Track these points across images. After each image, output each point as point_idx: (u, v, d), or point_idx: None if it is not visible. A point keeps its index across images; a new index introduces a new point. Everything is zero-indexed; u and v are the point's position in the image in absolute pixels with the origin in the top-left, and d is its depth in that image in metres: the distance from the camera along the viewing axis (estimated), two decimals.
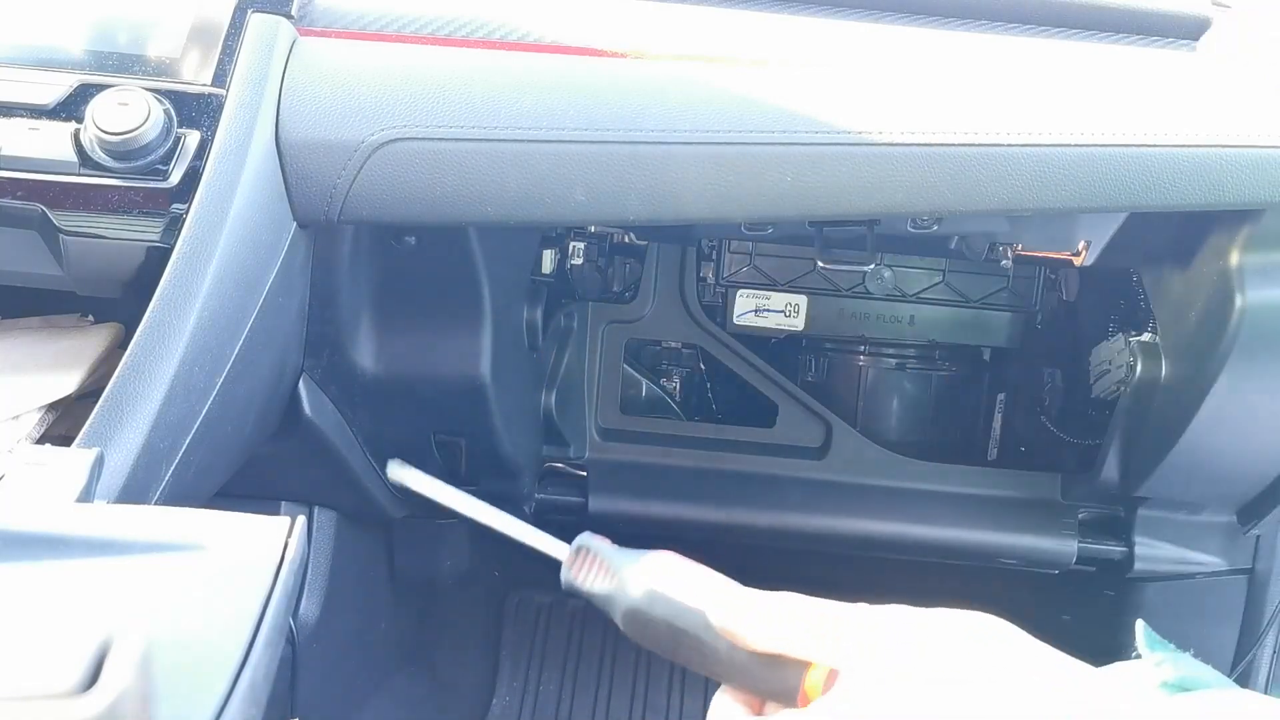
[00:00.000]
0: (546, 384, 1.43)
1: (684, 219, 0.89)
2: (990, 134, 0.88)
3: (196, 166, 0.81)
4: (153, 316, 0.77)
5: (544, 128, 0.86)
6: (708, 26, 0.95)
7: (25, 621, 0.48)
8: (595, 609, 0.71)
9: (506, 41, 0.91)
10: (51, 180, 0.80)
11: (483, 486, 1.27)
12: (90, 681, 0.41)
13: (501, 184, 0.86)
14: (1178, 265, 1.10)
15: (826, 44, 0.94)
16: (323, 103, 0.86)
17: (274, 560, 0.55)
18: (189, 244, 0.79)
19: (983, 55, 0.96)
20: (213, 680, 0.49)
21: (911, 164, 0.87)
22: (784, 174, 0.86)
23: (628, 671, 1.61)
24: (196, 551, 0.55)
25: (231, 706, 0.48)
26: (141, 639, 0.42)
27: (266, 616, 0.52)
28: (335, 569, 1.32)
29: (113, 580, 0.53)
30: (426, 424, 1.17)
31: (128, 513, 0.60)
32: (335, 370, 1.05)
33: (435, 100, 0.86)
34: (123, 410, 0.73)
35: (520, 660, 1.65)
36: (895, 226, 1.08)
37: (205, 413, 0.80)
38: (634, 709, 1.57)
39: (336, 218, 0.87)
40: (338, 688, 1.41)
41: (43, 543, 0.54)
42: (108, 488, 0.69)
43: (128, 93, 0.81)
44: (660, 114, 0.87)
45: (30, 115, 0.82)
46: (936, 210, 0.89)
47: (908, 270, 1.38)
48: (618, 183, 0.86)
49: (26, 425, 0.79)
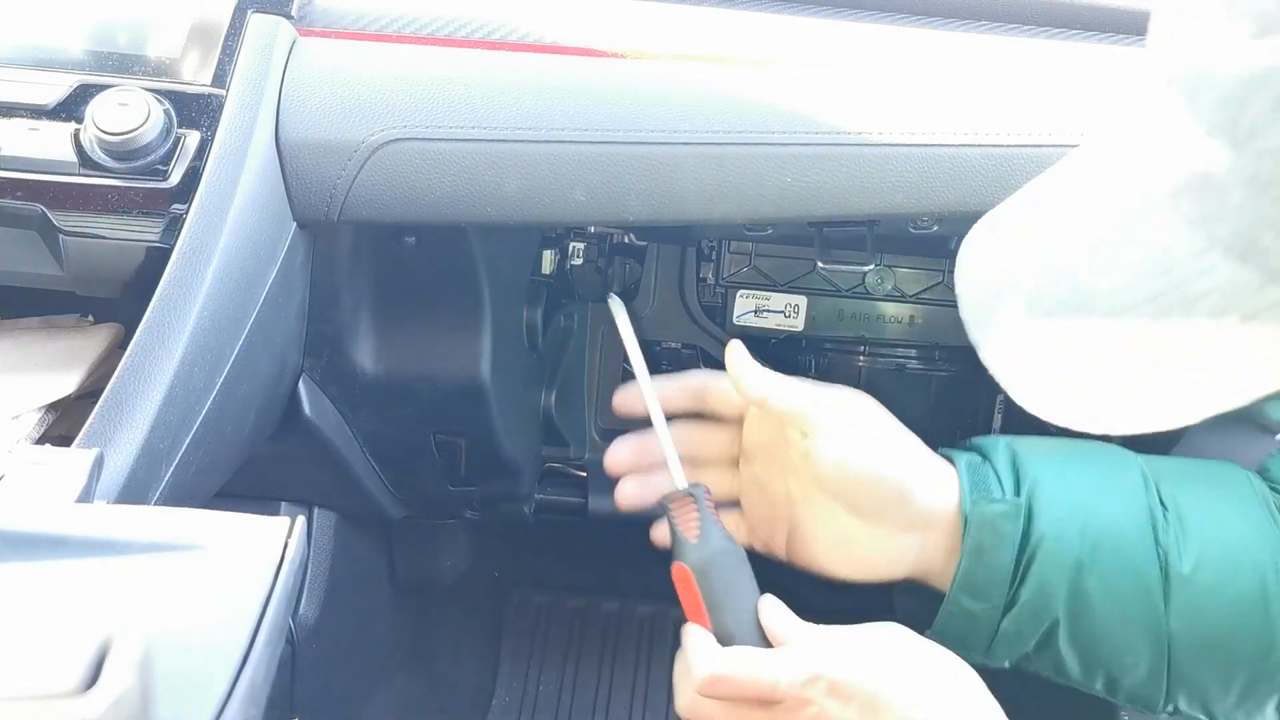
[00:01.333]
0: (546, 384, 1.43)
1: (684, 219, 0.89)
2: (991, 134, 0.88)
3: (196, 167, 0.81)
4: (152, 317, 0.77)
5: (544, 128, 0.86)
6: (708, 26, 0.95)
7: (25, 621, 0.48)
8: (595, 608, 0.74)
9: (506, 41, 0.91)
10: (51, 180, 0.80)
11: (482, 486, 1.28)
12: (90, 681, 0.41)
13: (501, 184, 0.86)
14: None
15: (826, 44, 0.94)
16: (323, 103, 0.86)
17: (274, 560, 0.55)
18: (189, 244, 0.79)
19: (983, 56, 0.96)
20: (213, 680, 0.49)
21: (911, 164, 0.87)
22: (784, 174, 0.86)
23: (628, 671, 1.61)
24: (196, 551, 0.55)
25: (231, 706, 0.48)
26: (141, 639, 0.42)
27: (266, 616, 0.52)
28: (335, 569, 1.32)
29: (112, 580, 0.53)
30: (426, 424, 1.17)
31: (128, 513, 0.60)
32: (335, 370, 1.05)
33: (435, 100, 0.86)
34: (123, 410, 0.73)
35: (520, 660, 1.64)
36: (895, 227, 1.08)
37: (205, 413, 0.80)
38: (634, 709, 1.57)
39: (336, 218, 0.87)
40: (338, 688, 1.41)
41: (43, 543, 0.54)
42: (108, 488, 0.69)
43: (128, 93, 0.81)
44: (660, 114, 0.87)
45: (30, 115, 0.82)
46: (937, 210, 0.89)
47: (908, 270, 1.38)
48: (618, 183, 0.86)
49: (26, 425, 0.79)
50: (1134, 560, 0.80)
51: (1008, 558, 0.80)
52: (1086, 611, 0.80)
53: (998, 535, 0.80)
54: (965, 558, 0.81)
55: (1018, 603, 0.81)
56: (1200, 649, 0.79)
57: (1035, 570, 0.80)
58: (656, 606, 1.62)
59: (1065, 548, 0.80)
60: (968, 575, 0.81)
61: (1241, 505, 0.85)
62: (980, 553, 0.80)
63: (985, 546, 0.80)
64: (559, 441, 1.45)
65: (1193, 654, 0.80)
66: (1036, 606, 0.80)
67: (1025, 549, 0.81)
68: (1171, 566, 0.80)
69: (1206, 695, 0.81)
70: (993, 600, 0.81)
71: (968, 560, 0.81)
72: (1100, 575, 0.80)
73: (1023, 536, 0.81)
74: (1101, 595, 0.80)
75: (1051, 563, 0.80)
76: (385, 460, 1.20)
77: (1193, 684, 0.81)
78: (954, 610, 0.82)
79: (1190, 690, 0.81)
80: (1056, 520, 0.81)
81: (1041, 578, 0.80)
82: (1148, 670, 0.81)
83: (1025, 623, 0.81)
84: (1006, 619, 0.81)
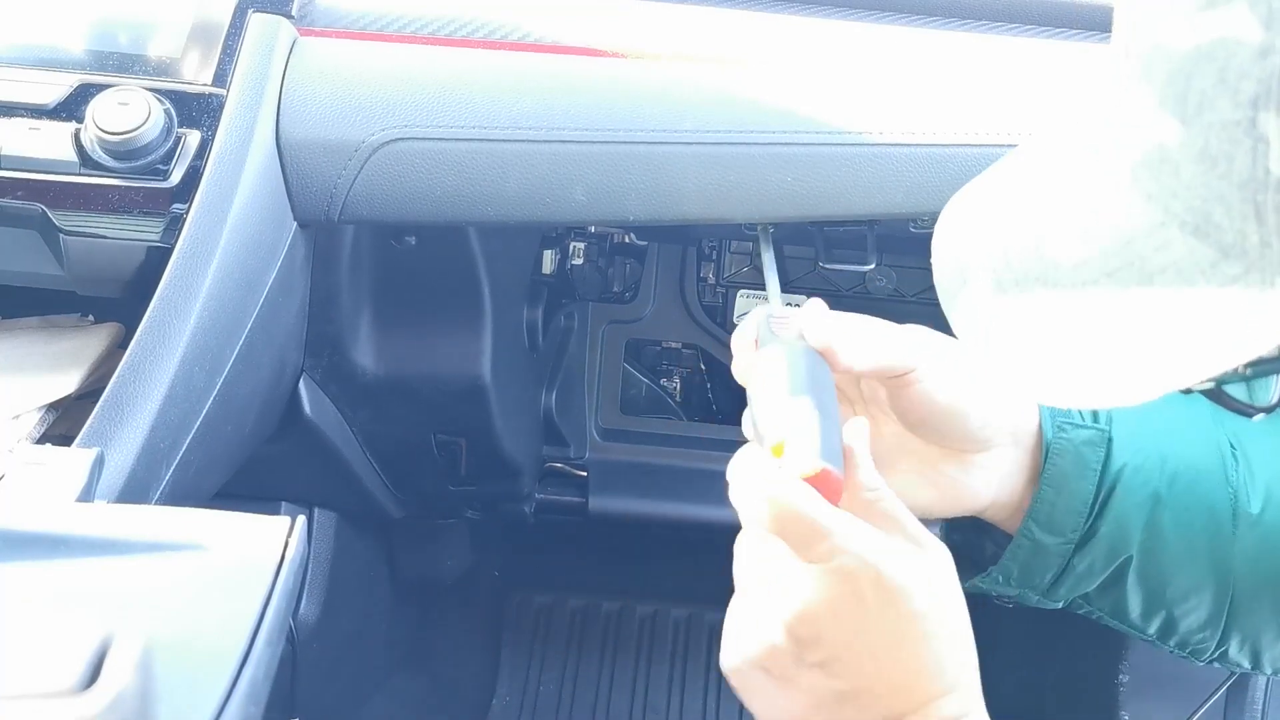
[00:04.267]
0: (547, 384, 1.43)
1: (684, 219, 0.89)
2: (991, 134, 0.88)
3: (197, 166, 0.81)
4: (153, 316, 0.77)
5: (544, 128, 0.86)
6: (708, 26, 0.95)
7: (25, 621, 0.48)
8: (595, 608, 0.72)
9: (506, 41, 0.91)
10: (52, 180, 0.80)
11: (483, 486, 1.28)
12: (90, 681, 0.41)
13: (502, 184, 0.86)
14: None
15: (827, 44, 0.94)
16: (323, 103, 0.86)
17: (274, 560, 0.55)
18: (189, 244, 0.79)
19: (984, 55, 0.96)
20: (213, 680, 0.49)
21: (911, 164, 0.87)
22: (784, 174, 0.86)
23: (628, 671, 1.61)
24: (196, 551, 0.55)
25: (231, 706, 0.48)
26: (141, 639, 0.42)
27: (266, 616, 0.52)
28: (335, 569, 1.32)
29: (113, 580, 0.53)
30: (427, 424, 1.17)
31: (128, 513, 0.60)
32: (335, 370, 1.05)
33: (435, 100, 0.86)
34: (123, 410, 0.73)
35: (520, 660, 1.64)
36: (895, 227, 1.08)
37: (205, 413, 0.80)
38: (634, 709, 1.57)
39: (337, 217, 0.87)
40: (338, 688, 1.41)
41: (43, 543, 0.54)
42: (108, 488, 0.69)
43: (128, 93, 0.81)
44: (660, 114, 0.87)
45: (31, 115, 0.82)
46: (936, 210, 0.88)
47: (908, 270, 1.38)
48: (618, 183, 0.86)
49: (27, 425, 0.79)
50: (1208, 497, 0.76)
51: (1089, 487, 0.75)
52: (1160, 549, 0.76)
53: (1081, 463, 0.75)
54: (1044, 486, 0.75)
55: (1094, 537, 0.76)
56: (1262, 589, 0.77)
57: (1114, 503, 0.75)
58: (657, 606, 1.62)
59: (1145, 479, 0.76)
60: (1045, 505, 0.75)
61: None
62: (1063, 481, 0.75)
63: (1068, 474, 0.75)
64: (559, 441, 1.45)
65: (1254, 594, 0.77)
66: (1113, 541, 0.76)
67: (1105, 480, 0.76)
68: (1240, 505, 0.76)
69: (1259, 639, 0.78)
70: (1066, 534, 0.76)
71: (1047, 489, 0.75)
72: (1176, 510, 0.76)
73: (1103, 466, 0.76)
74: (1175, 531, 0.76)
75: (1131, 496, 0.75)
76: (386, 460, 1.20)
77: (1249, 626, 0.78)
78: (1024, 543, 0.76)
79: (1244, 633, 0.78)
80: (1139, 450, 0.76)
81: (1120, 511, 0.75)
82: (1209, 613, 0.78)
83: (1098, 559, 0.76)
84: (1078, 555, 0.77)
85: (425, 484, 1.26)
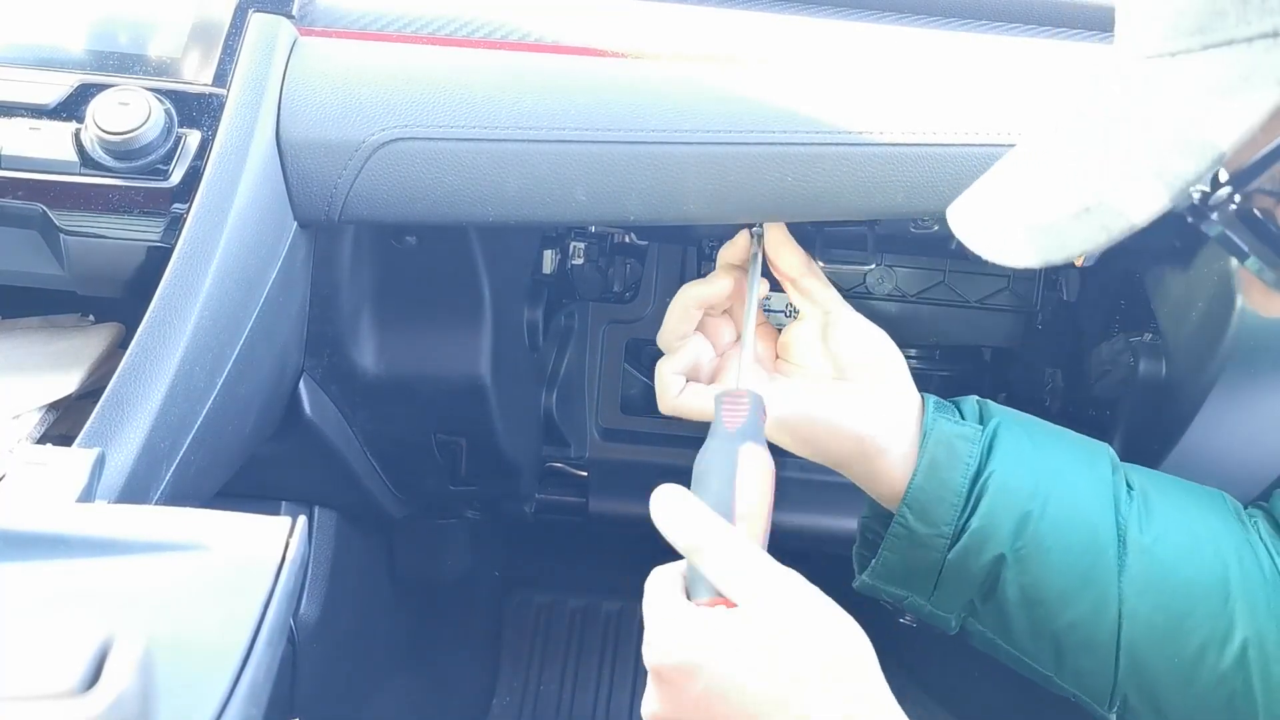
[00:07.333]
0: (547, 384, 1.43)
1: (684, 219, 0.89)
2: (991, 134, 0.88)
3: (197, 166, 0.81)
4: (153, 316, 0.77)
5: (544, 128, 0.86)
6: (708, 26, 0.95)
7: (26, 621, 0.48)
8: (595, 608, 0.74)
9: (506, 41, 0.91)
10: (52, 180, 0.80)
11: (483, 486, 1.28)
12: (91, 681, 0.41)
13: (502, 184, 0.86)
14: (1178, 266, 1.09)
15: (827, 44, 0.94)
16: (323, 103, 0.86)
17: (274, 560, 0.55)
18: (189, 244, 0.79)
19: (984, 55, 0.96)
20: (213, 680, 0.49)
21: (911, 164, 0.87)
22: (784, 174, 0.86)
23: (628, 671, 1.61)
24: (197, 551, 0.55)
25: (232, 706, 0.48)
26: (142, 639, 0.42)
27: (267, 616, 0.52)
28: (335, 569, 1.32)
29: (113, 580, 0.53)
30: (427, 424, 1.17)
31: (128, 513, 0.60)
32: (336, 370, 1.05)
33: (435, 100, 0.86)
34: (123, 410, 0.73)
35: (520, 660, 1.65)
36: (896, 226, 1.08)
37: (206, 413, 0.80)
38: (634, 709, 1.57)
39: (337, 217, 0.87)
40: (338, 688, 1.41)
41: (43, 543, 0.54)
42: (108, 488, 0.69)
43: (128, 92, 0.81)
44: (660, 114, 0.87)
45: (31, 115, 0.82)
46: (936, 210, 0.89)
47: (908, 270, 1.38)
48: (618, 183, 0.86)
49: (27, 425, 0.79)
50: (1089, 519, 0.80)
51: (960, 479, 0.80)
52: (1038, 557, 0.79)
53: (952, 454, 0.81)
54: (917, 474, 0.81)
55: (966, 532, 0.80)
56: (1154, 628, 0.78)
57: (985, 503, 0.80)
58: None
59: (1016, 490, 0.80)
60: (917, 492, 0.80)
61: (1212, 505, 0.85)
62: (934, 469, 0.80)
63: (939, 463, 0.80)
64: (559, 441, 1.45)
65: (1146, 632, 0.79)
66: (985, 536, 0.80)
67: (978, 479, 0.80)
68: (1130, 535, 0.79)
69: (1156, 690, 0.79)
70: (939, 526, 0.80)
71: (918, 476, 0.81)
72: (1053, 521, 0.79)
73: (978, 465, 0.81)
74: (1053, 541, 0.79)
75: (1001, 500, 0.80)
76: (386, 460, 1.20)
77: (1144, 673, 0.79)
78: (900, 531, 0.81)
79: (1141, 682, 0.80)
80: (1013, 469, 0.81)
81: (990, 509, 0.79)
82: (1101, 647, 0.79)
83: (971, 555, 0.80)
84: (953, 550, 0.81)
85: (425, 484, 1.26)
